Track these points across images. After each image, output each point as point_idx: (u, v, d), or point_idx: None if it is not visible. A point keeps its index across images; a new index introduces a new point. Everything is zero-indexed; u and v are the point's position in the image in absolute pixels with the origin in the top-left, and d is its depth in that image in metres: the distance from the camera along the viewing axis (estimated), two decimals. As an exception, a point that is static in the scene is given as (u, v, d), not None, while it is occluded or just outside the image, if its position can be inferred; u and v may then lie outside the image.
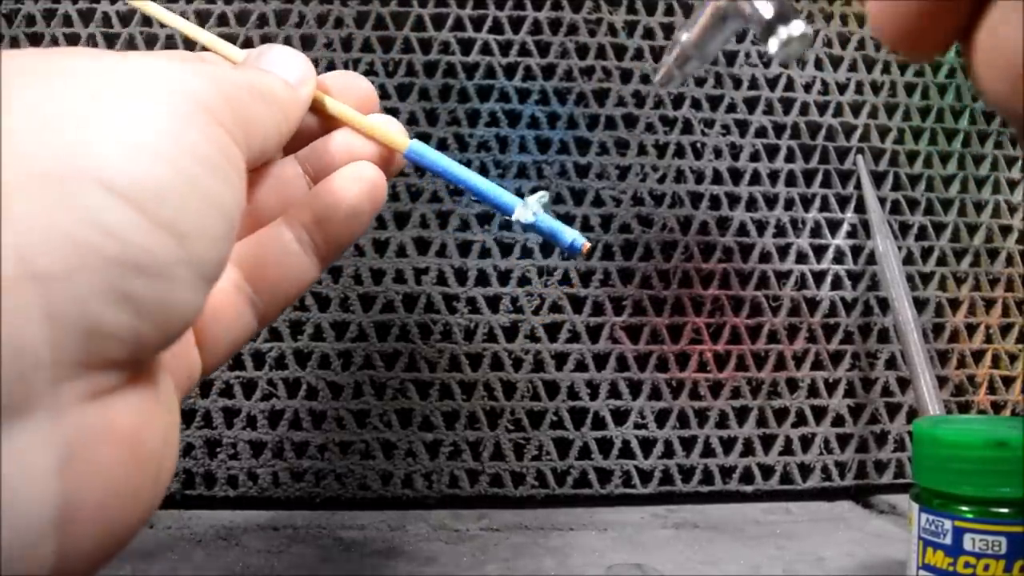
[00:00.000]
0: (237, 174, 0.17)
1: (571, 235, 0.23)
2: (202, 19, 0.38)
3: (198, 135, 0.16)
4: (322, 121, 0.23)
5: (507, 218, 0.23)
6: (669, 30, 0.40)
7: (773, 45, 0.17)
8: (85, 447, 0.14)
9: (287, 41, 0.38)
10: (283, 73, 0.21)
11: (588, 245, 0.23)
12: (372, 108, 0.24)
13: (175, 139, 0.15)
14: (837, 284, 0.40)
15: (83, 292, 0.13)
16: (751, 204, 0.40)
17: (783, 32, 0.17)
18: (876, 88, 0.41)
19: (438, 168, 0.23)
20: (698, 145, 0.40)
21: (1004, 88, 0.13)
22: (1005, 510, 0.23)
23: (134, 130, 0.15)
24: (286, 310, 0.36)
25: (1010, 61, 0.12)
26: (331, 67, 0.38)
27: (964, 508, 0.23)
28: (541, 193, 0.23)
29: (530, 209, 0.23)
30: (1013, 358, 0.40)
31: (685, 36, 0.20)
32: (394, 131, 0.23)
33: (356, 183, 0.22)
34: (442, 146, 0.38)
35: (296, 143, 0.23)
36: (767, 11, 0.17)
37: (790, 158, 0.40)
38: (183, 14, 0.38)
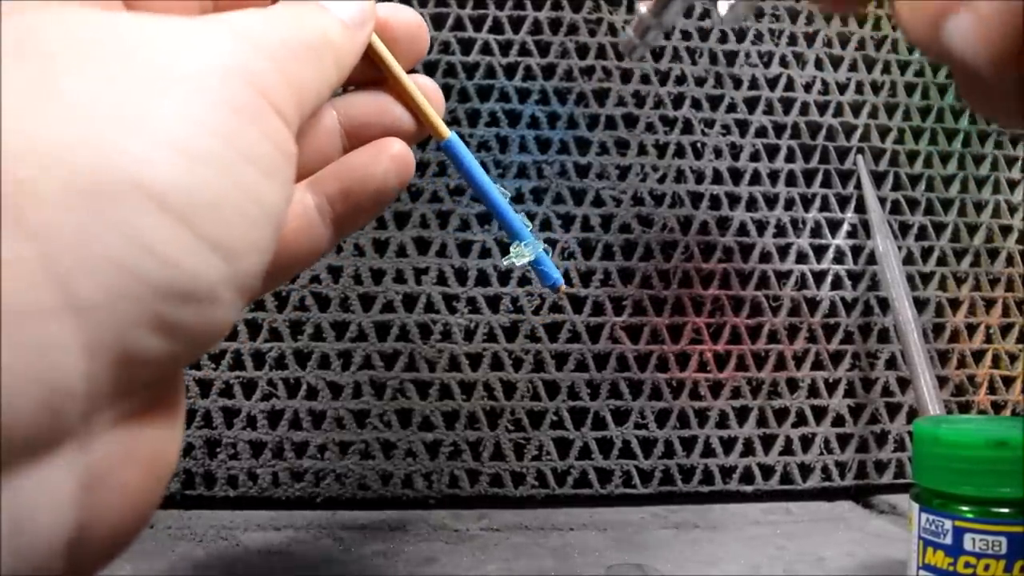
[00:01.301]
0: (288, 164, 0.16)
1: (556, 275, 0.24)
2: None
3: (252, 128, 0.15)
4: (367, 65, 0.21)
5: (513, 238, 0.24)
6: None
7: (722, 8, 0.18)
8: (107, 473, 0.14)
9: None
10: (342, 13, 0.19)
11: (565, 288, 0.25)
12: (422, 49, 0.22)
13: (229, 138, 0.14)
14: (837, 284, 0.40)
15: (124, 322, 0.13)
16: (751, 204, 0.40)
17: None
18: (876, 88, 0.41)
19: (466, 168, 0.23)
20: (698, 145, 0.40)
21: (925, 31, 0.13)
22: (1005, 510, 0.23)
23: (186, 132, 0.14)
24: (286, 310, 0.36)
25: (924, 5, 0.13)
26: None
27: (964, 508, 0.23)
28: (546, 246, 0.24)
29: (523, 259, 0.24)
30: (1013, 358, 0.40)
31: (643, 7, 0.21)
32: (439, 116, 0.22)
33: (389, 161, 0.21)
34: (442, 146, 0.38)
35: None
36: None
37: (790, 158, 0.40)
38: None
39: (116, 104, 0.13)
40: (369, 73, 0.21)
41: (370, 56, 0.21)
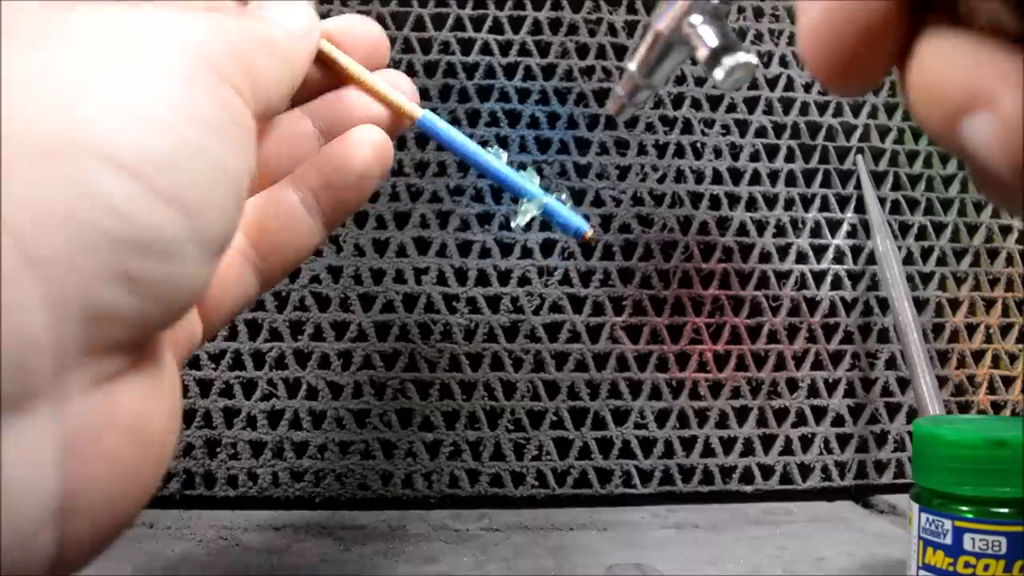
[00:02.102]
0: (246, 136, 0.17)
1: (577, 223, 0.23)
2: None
3: (205, 98, 0.15)
4: (331, 73, 0.22)
5: (515, 195, 0.23)
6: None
7: (719, 74, 0.17)
8: (88, 436, 0.14)
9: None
10: (286, 24, 0.20)
11: (592, 233, 0.23)
12: (383, 55, 0.23)
13: (181, 105, 0.15)
14: (837, 284, 0.40)
15: (85, 276, 0.13)
16: (751, 204, 0.40)
17: (728, 61, 0.17)
18: (876, 88, 0.41)
19: (448, 141, 0.23)
20: (698, 145, 0.40)
21: (940, 126, 0.12)
22: (1005, 510, 0.23)
23: (138, 98, 0.14)
24: (286, 310, 0.36)
25: (941, 99, 0.12)
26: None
27: (964, 508, 0.23)
28: (561, 196, 0.23)
29: (528, 215, 0.23)
30: (1013, 358, 0.40)
31: (632, 66, 0.20)
32: (407, 98, 0.23)
33: (366, 147, 0.22)
34: (442, 146, 0.38)
35: (304, 95, 0.22)
36: (712, 40, 0.17)
37: (790, 158, 0.40)
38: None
39: (69, 73, 0.14)
40: (333, 81, 0.23)
41: (327, 63, 0.22)
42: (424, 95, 0.38)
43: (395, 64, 0.38)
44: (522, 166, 0.38)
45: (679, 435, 0.37)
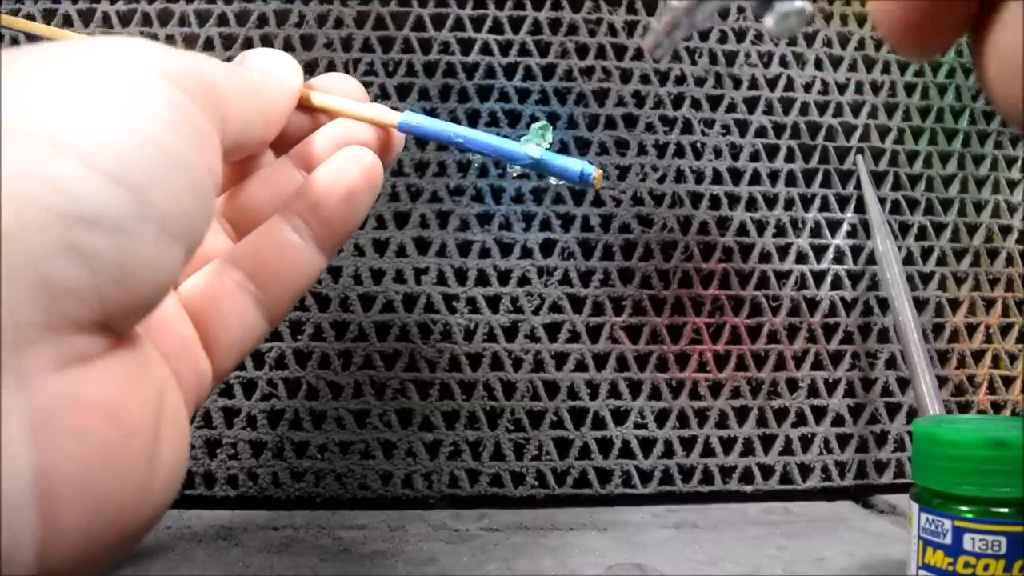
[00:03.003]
0: (205, 140, 0.17)
1: (579, 165, 0.22)
2: (202, 19, 0.38)
3: (158, 98, 0.16)
4: (313, 119, 0.23)
5: (514, 162, 0.23)
6: (669, 30, 0.40)
7: (770, 20, 0.16)
8: (57, 415, 0.14)
9: (287, 41, 0.38)
10: (262, 66, 0.21)
11: (600, 173, 0.22)
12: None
13: (131, 98, 0.15)
14: (837, 284, 0.40)
15: (34, 248, 0.13)
16: (751, 204, 0.40)
17: (780, 6, 0.16)
18: (876, 88, 0.41)
19: (434, 133, 0.23)
20: (698, 145, 0.40)
21: (1014, 101, 0.11)
22: (1005, 510, 0.23)
23: (86, 91, 0.15)
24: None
25: (1022, 69, 0.11)
26: (331, 67, 0.38)
27: (964, 508, 0.23)
28: (541, 123, 0.23)
29: (533, 142, 0.22)
30: (1013, 358, 0.40)
31: (675, 1, 0.19)
32: (384, 111, 0.23)
33: (349, 165, 0.22)
34: (442, 146, 0.38)
35: (288, 143, 0.23)
36: None
37: (790, 158, 0.40)
38: (183, 15, 0.38)
39: (25, 75, 0.15)
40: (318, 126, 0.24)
41: (310, 108, 0.23)
42: (424, 95, 0.38)
43: (395, 64, 0.38)
44: (534, 118, 0.38)
45: (679, 435, 0.37)
